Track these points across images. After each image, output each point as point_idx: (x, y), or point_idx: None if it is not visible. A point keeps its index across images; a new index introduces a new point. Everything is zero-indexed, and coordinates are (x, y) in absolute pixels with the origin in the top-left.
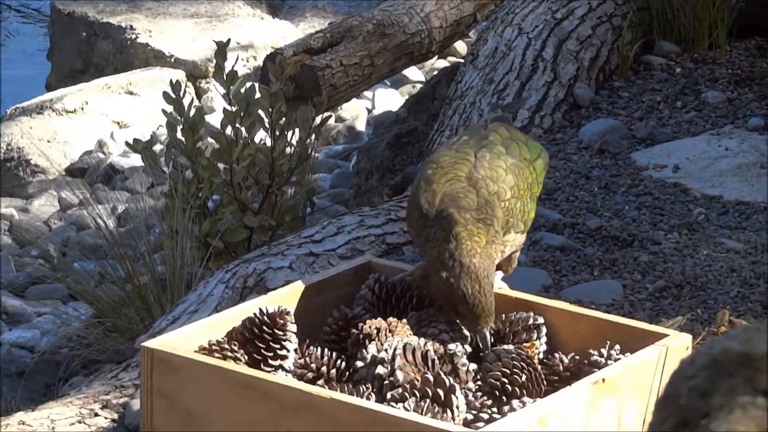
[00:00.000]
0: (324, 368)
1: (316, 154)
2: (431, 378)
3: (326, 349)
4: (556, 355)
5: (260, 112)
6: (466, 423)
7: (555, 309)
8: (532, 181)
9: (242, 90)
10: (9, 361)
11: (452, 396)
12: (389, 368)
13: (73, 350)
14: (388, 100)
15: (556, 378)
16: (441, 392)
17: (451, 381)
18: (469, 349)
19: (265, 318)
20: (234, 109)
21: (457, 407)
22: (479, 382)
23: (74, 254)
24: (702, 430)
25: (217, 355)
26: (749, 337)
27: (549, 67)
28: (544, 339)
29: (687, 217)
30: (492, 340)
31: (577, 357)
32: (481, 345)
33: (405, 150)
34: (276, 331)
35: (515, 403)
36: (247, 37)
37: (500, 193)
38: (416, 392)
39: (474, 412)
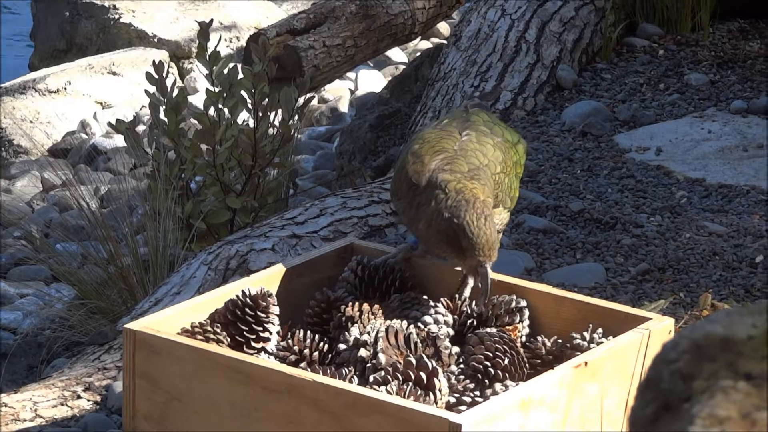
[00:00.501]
0: (306, 351)
1: (299, 136)
2: (413, 361)
3: (309, 332)
4: (539, 338)
5: (243, 92)
6: (449, 406)
7: (537, 292)
8: (516, 161)
9: (225, 71)
10: None
11: (435, 379)
12: (372, 351)
13: (56, 332)
14: (371, 81)
15: (539, 361)
16: (423, 375)
17: (434, 364)
18: (451, 332)
19: (248, 300)
20: (217, 89)
21: (440, 390)
22: (462, 365)
23: (57, 235)
24: (684, 413)
25: (199, 337)
26: (731, 321)
27: (532, 48)
28: (526, 322)
29: (669, 200)
30: (482, 309)
31: (560, 340)
32: (481, 286)
33: (388, 131)
34: (258, 313)
35: (498, 386)
36: (230, 17)
37: (490, 165)
38: (399, 375)
39: (456, 395)
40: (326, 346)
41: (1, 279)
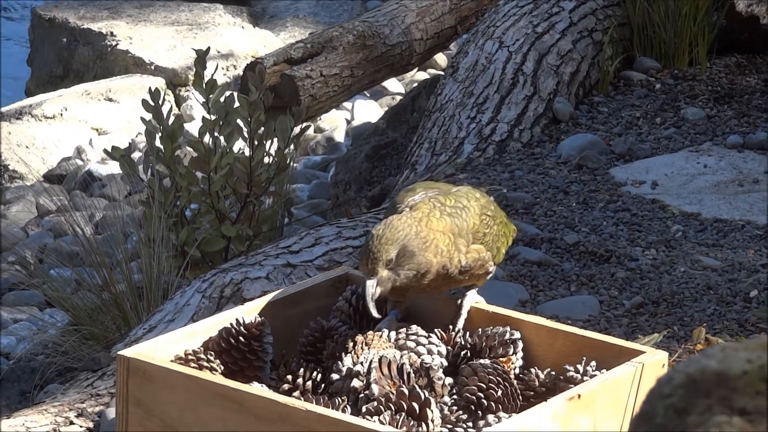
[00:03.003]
0: (300, 380)
1: (295, 165)
2: (406, 391)
3: (302, 361)
4: (532, 370)
5: (239, 121)
6: None
7: (531, 324)
8: (505, 220)
9: (221, 99)
10: None
11: (427, 409)
12: (365, 381)
13: (49, 357)
14: (368, 111)
15: (532, 393)
16: (416, 406)
17: (426, 395)
18: (445, 362)
19: (242, 329)
20: (213, 117)
21: (432, 421)
22: (455, 396)
23: (51, 261)
24: None
25: (193, 365)
26: (726, 356)
27: (529, 81)
28: (520, 354)
29: (664, 234)
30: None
31: (553, 372)
32: (361, 296)
33: (383, 162)
34: (252, 342)
35: (491, 417)
36: (227, 45)
37: (473, 208)
38: (391, 405)
39: (449, 426)
40: (320, 375)
41: None
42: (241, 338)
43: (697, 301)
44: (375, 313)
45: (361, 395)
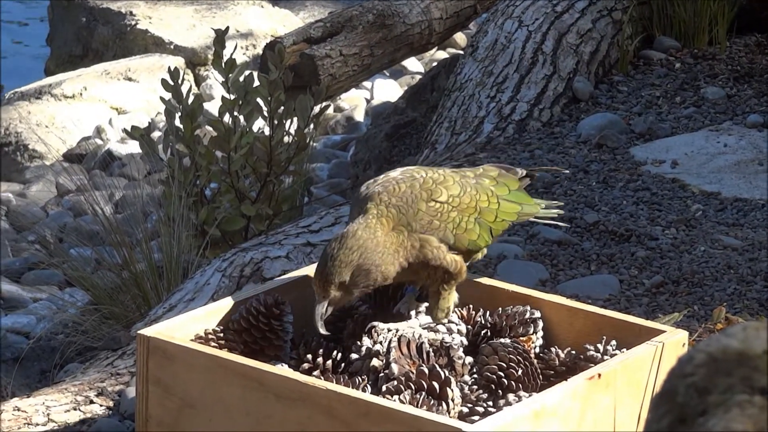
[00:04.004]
0: (320, 359)
1: (314, 144)
2: (426, 371)
3: (322, 340)
4: (553, 349)
5: (259, 100)
6: (462, 416)
7: (552, 303)
8: (485, 207)
9: (241, 78)
10: (4, 347)
11: (447, 388)
12: (384, 361)
13: (69, 336)
14: (387, 90)
15: (552, 372)
16: (436, 385)
17: (446, 373)
18: (465, 341)
19: (262, 308)
20: (232, 97)
21: (452, 400)
22: (475, 375)
23: (71, 240)
24: (699, 427)
25: (213, 344)
26: (747, 336)
27: (549, 60)
28: (540, 333)
29: (685, 213)
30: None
31: (573, 352)
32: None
33: (403, 141)
34: (272, 321)
35: (511, 396)
36: (246, 25)
37: (435, 192)
38: (411, 385)
39: (470, 405)
40: (340, 355)
41: (15, 283)
42: (261, 317)
43: (718, 281)
44: (323, 332)
45: (381, 374)
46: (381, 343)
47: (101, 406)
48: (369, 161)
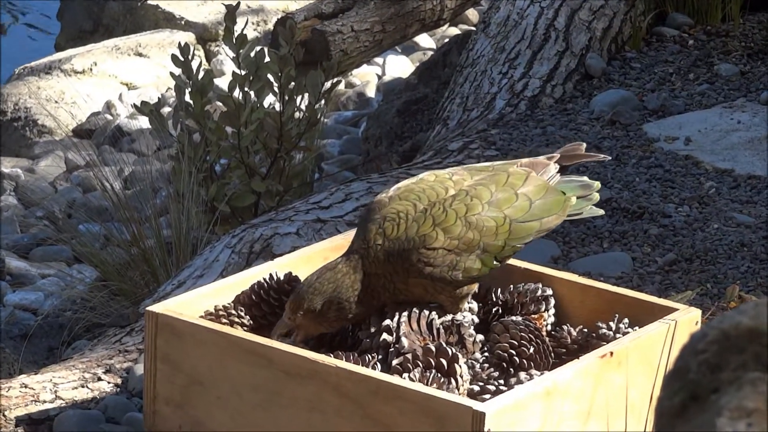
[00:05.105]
0: (329, 335)
1: (325, 120)
2: (433, 348)
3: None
4: (564, 327)
5: (269, 76)
6: (473, 394)
7: (563, 281)
8: (490, 243)
9: (252, 54)
10: (12, 323)
11: (455, 365)
12: (394, 336)
13: (77, 313)
14: (399, 66)
15: (564, 351)
16: (444, 361)
17: (454, 350)
18: (476, 319)
19: (273, 283)
20: (243, 72)
21: (461, 376)
22: (486, 353)
23: (80, 216)
24: (712, 405)
25: (223, 320)
26: (759, 313)
27: (561, 36)
28: (552, 311)
29: (698, 191)
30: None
31: (585, 330)
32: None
33: (415, 117)
34: (283, 297)
35: (522, 375)
36: (257, 0)
37: (429, 238)
38: (419, 363)
39: (480, 383)
40: (349, 331)
41: (23, 259)
42: (272, 292)
43: (731, 258)
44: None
45: (391, 349)
46: (391, 318)
47: (109, 383)
48: (380, 137)
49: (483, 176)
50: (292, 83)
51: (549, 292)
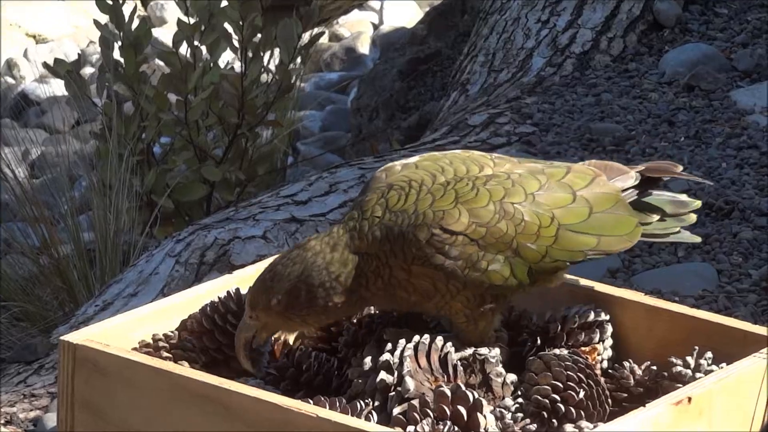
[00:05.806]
0: (307, 375)
1: (303, 85)
2: (448, 393)
3: (310, 350)
4: (626, 363)
5: (227, 25)
6: None
7: (624, 301)
8: (525, 243)
9: None
10: None
11: (478, 415)
12: (396, 375)
13: None
14: (402, 13)
15: (626, 395)
16: (462, 410)
17: (476, 395)
18: (507, 353)
19: (231, 305)
20: (192, 21)
21: (486, 430)
22: (520, 399)
23: None
24: None
25: (165, 354)
26: None
27: None
28: (609, 342)
29: None
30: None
31: (654, 367)
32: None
33: (423, 81)
34: None
35: (569, 428)
36: None
37: (449, 216)
38: (429, 412)
39: None
40: (334, 369)
41: None
42: (229, 317)
43: None
44: (248, 367)
45: (392, 393)
46: (392, 352)
47: None
48: (377, 108)
49: (534, 166)
50: (258, 35)
51: (605, 316)
